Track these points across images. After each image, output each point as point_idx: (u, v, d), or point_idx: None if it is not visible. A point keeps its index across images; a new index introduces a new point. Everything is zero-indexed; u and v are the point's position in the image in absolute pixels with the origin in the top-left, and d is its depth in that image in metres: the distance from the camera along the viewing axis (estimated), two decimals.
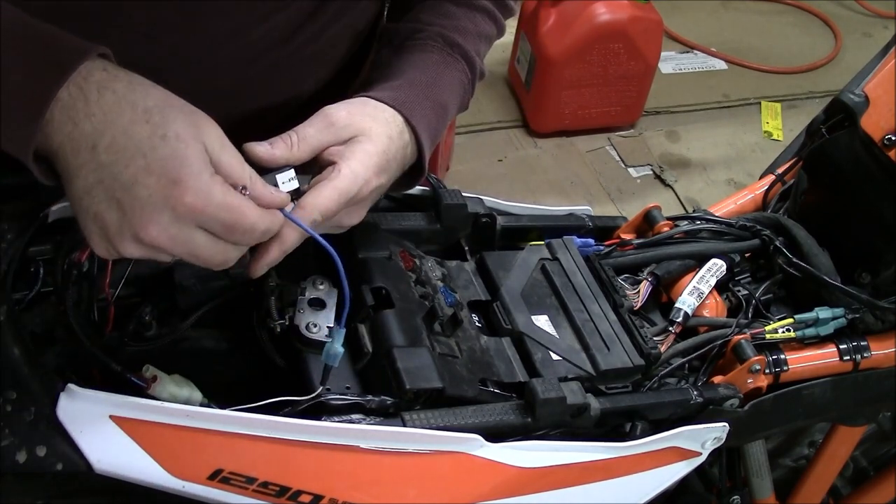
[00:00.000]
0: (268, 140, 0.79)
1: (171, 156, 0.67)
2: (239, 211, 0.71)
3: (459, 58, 0.96)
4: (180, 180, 0.68)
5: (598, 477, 0.90)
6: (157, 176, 0.67)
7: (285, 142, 0.80)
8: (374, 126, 0.84)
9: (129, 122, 0.67)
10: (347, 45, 0.98)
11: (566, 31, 2.70)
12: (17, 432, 0.70)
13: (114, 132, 0.67)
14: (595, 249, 1.07)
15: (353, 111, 0.85)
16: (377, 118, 0.85)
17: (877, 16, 3.76)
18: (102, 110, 0.67)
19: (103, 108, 0.67)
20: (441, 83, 0.93)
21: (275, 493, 0.75)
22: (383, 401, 0.81)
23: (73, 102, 0.67)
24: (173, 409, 0.73)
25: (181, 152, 0.68)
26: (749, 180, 2.13)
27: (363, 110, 0.85)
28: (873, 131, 1.05)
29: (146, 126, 0.68)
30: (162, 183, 0.67)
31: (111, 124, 0.67)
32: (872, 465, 1.45)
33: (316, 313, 0.85)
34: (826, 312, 1.05)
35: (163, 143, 0.67)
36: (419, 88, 0.90)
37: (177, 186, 0.67)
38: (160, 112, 0.68)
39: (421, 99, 0.90)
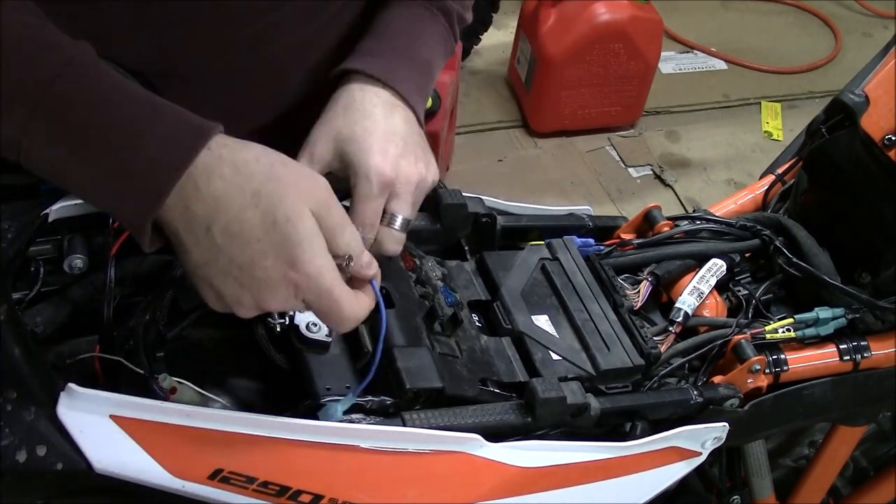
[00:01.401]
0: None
1: (284, 240, 0.70)
2: (339, 303, 0.73)
3: (437, 10, 0.98)
4: (296, 263, 0.70)
5: (598, 477, 0.90)
6: (274, 259, 0.70)
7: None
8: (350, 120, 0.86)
9: (239, 208, 0.69)
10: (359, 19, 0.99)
11: (566, 31, 2.70)
12: (17, 432, 0.70)
13: (227, 218, 0.69)
14: (595, 249, 1.07)
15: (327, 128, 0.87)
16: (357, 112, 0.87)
17: (877, 16, 3.76)
18: (213, 196, 0.69)
19: (213, 194, 0.69)
20: (420, 41, 0.96)
21: (275, 492, 0.75)
22: (383, 401, 0.81)
23: (185, 187, 0.69)
24: (173, 408, 0.73)
25: (293, 236, 0.70)
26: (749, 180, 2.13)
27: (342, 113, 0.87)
28: (873, 131, 1.05)
29: (256, 211, 0.69)
30: (279, 265, 0.70)
31: (223, 211, 0.69)
32: (872, 465, 1.45)
33: None
34: (826, 312, 1.05)
35: (274, 229, 0.70)
36: (399, 51, 0.93)
37: (293, 269, 0.70)
38: (267, 195, 0.70)
39: (401, 59, 0.92)
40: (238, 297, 0.72)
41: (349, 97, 0.88)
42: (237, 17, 0.84)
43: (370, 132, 0.86)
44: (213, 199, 0.69)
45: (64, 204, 0.83)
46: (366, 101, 0.88)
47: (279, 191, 0.70)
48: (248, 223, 0.69)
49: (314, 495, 0.76)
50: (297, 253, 0.70)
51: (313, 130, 0.87)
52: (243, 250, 0.70)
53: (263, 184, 0.70)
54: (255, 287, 0.71)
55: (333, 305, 0.73)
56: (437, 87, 2.25)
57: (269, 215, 0.70)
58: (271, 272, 0.70)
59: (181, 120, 0.70)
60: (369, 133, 0.86)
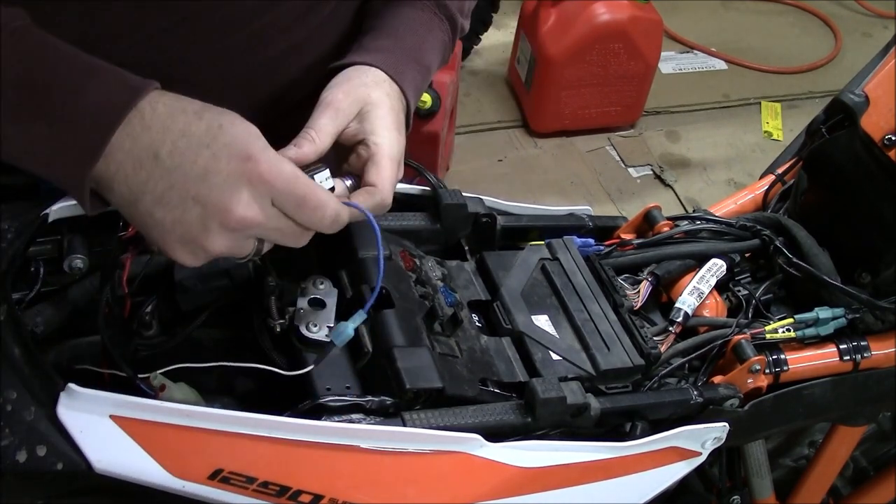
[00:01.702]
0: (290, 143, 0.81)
1: (235, 137, 0.70)
2: (310, 186, 0.73)
3: (444, 18, 0.99)
4: (251, 155, 0.70)
5: (598, 477, 0.90)
6: (227, 158, 0.70)
7: (306, 138, 0.82)
8: (372, 92, 0.88)
9: (183, 124, 0.70)
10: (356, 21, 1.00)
11: (566, 31, 2.70)
12: (17, 432, 0.70)
13: (172, 137, 0.70)
14: (595, 249, 1.07)
15: (349, 88, 0.87)
16: (372, 84, 0.88)
17: (877, 16, 3.76)
18: (158, 121, 0.70)
19: (158, 118, 0.70)
20: (426, 45, 0.97)
21: (275, 493, 0.75)
22: (383, 401, 0.81)
23: (130, 122, 0.69)
24: (173, 408, 0.73)
25: (243, 132, 0.71)
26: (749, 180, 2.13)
27: (359, 81, 0.88)
28: (873, 131, 1.05)
29: (201, 122, 0.70)
30: (234, 162, 0.70)
31: (168, 131, 0.70)
32: (872, 465, 1.45)
33: (316, 313, 0.85)
34: (826, 312, 1.05)
35: (220, 132, 0.70)
36: (407, 51, 0.94)
37: (249, 161, 0.70)
38: (208, 109, 0.71)
39: (409, 62, 0.93)
40: (203, 220, 0.70)
41: (369, 73, 0.89)
42: (233, 19, 0.85)
43: (389, 108, 0.88)
44: (157, 123, 0.70)
45: (64, 204, 0.83)
46: (384, 83, 0.89)
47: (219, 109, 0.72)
48: (194, 135, 0.70)
49: (314, 495, 0.76)
50: (249, 146, 0.70)
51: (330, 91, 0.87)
52: (195, 162, 0.70)
53: (205, 106, 0.72)
54: (217, 196, 0.70)
55: (304, 189, 0.72)
56: (437, 87, 2.25)
57: (214, 121, 0.71)
58: (227, 172, 0.70)
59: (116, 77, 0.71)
60: (388, 108, 0.87)
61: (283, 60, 0.91)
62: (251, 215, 0.71)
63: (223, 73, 0.88)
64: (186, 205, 0.70)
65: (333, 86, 0.87)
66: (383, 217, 0.98)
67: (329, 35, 0.96)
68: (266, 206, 0.72)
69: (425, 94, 2.18)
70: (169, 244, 0.72)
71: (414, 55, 0.95)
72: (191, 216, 0.70)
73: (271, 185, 0.71)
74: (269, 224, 0.73)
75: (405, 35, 0.95)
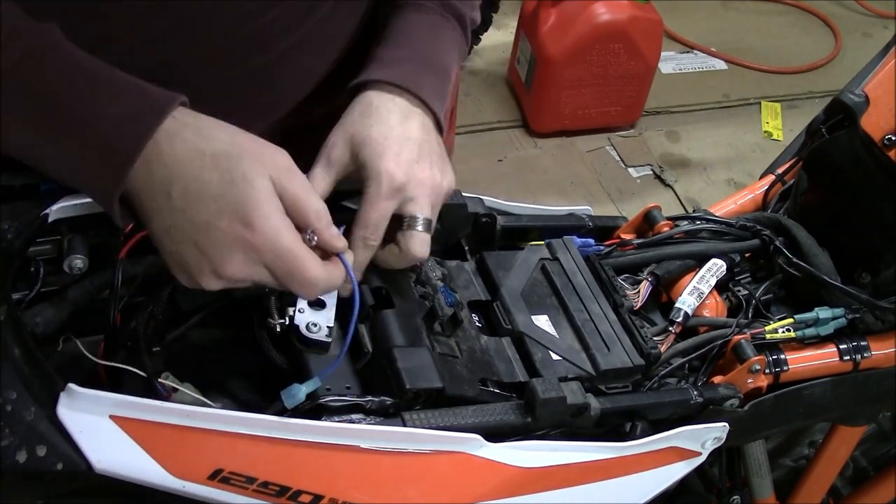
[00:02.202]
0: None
1: (240, 200, 0.71)
2: (301, 262, 0.74)
3: (451, 17, 0.99)
4: (251, 222, 0.71)
5: (598, 477, 0.90)
6: (229, 219, 0.71)
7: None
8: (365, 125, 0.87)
9: (198, 169, 0.71)
10: (358, 22, 0.99)
11: (566, 31, 2.70)
12: (17, 432, 0.70)
13: (186, 180, 0.71)
14: (595, 249, 1.07)
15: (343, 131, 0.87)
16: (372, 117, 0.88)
17: (877, 16, 3.76)
18: (175, 159, 0.71)
19: (175, 156, 0.71)
20: (438, 48, 0.97)
21: (275, 493, 0.75)
22: (383, 401, 0.81)
23: (148, 151, 0.70)
24: (173, 409, 0.73)
25: (250, 196, 0.71)
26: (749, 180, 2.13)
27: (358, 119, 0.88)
28: (873, 131, 1.05)
29: (215, 172, 0.71)
30: (234, 226, 0.71)
31: (183, 173, 0.71)
32: (872, 465, 1.45)
33: (316, 313, 0.85)
34: (826, 312, 1.05)
35: (231, 188, 0.71)
36: (421, 60, 0.94)
37: (247, 228, 0.71)
38: (227, 157, 0.72)
39: (424, 68, 0.93)
40: (198, 264, 0.73)
41: (366, 103, 0.89)
42: (231, 21, 0.84)
43: (385, 136, 0.87)
44: (174, 162, 0.71)
45: (64, 204, 0.83)
46: (382, 107, 0.89)
47: (238, 153, 0.72)
48: (206, 184, 0.71)
49: (314, 495, 0.76)
50: (252, 212, 0.71)
51: (331, 134, 0.88)
52: (200, 211, 0.71)
53: (223, 147, 0.72)
54: (213, 250, 0.72)
55: (295, 264, 0.74)
56: None
57: (227, 175, 0.71)
58: (227, 233, 0.71)
59: (142, 94, 0.72)
60: (384, 137, 0.87)
61: (282, 61, 0.91)
62: (242, 275, 0.74)
63: (222, 75, 0.88)
64: (187, 245, 0.72)
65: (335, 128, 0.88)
66: None
67: (329, 36, 0.95)
68: (258, 267, 0.74)
69: None
70: (170, 266, 0.75)
71: (428, 61, 0.94)
72: (189, 256, 0.73)
73: (264, 255, 0.73)
74: (262, 279, 0.75)
75: (415, 43, 0.95)
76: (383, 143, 0.86)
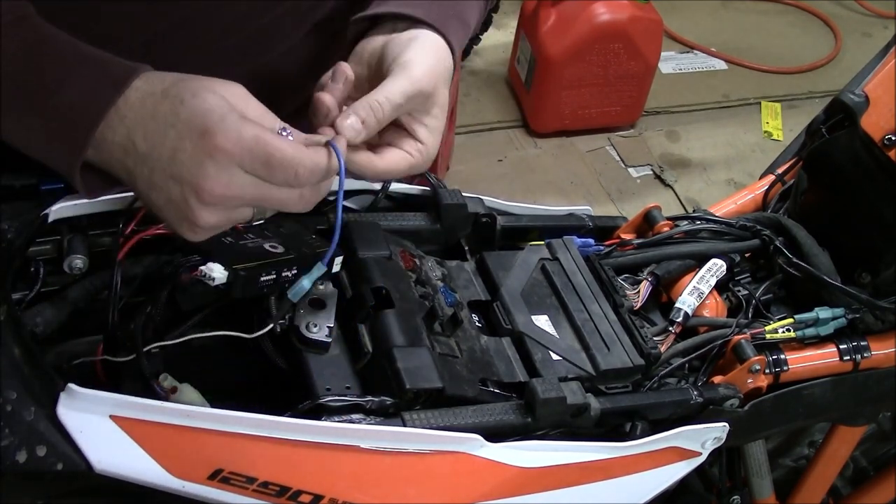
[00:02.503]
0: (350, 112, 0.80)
1: (193, 113, 0.70)
2: (274, 146, 0.71)
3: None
4: (207, 129, 0.70)
5: (598, 477, 0.90)
6: (188, 137, 0.70)
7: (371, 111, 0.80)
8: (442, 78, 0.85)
9: (151, 106, 0.71)
10: None
11: (566, 31, 2.70)
12: (17, 432, 0.70)
13: (143, 123, 0.71)
14: (595, 249, 1.07)
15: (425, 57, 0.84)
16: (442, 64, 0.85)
17: (877, 16, 3.76)
18: (131, 109, 0.71)
19: (131, 107, 0.71)
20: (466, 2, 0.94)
21: (275, 493, 0.75)
22: (383, 401, 0.81)
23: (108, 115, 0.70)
24: (173, 409, 0.73)
25: (200, 106, 0.70)
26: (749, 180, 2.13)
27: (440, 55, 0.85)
28: (873, 131, 1.05)
29: (166, 101, 0.71)
30: (193, 140, 0.70)
31: (140, 117, 0.71)
32: (872, 465, 1.45)
33: (316, 313, 0.85)
34: (826, 312, 1.05)
35: (182, 108, 0.70)
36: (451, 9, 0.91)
37: (206, 135, 0.70)
38: (175, 86, 0.72)
39: (452, 16, 0.90)
40: (184, 199, 0.71)
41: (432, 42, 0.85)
42: (229, 22, 0.84)
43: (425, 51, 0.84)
44: (130, 112, 0.71)
45: (64, 204, 0.83)
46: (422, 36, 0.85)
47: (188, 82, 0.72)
48: (160, 116, 0.71)
49: (314, 495, 0.76)
50: (206, 120, 0.70)
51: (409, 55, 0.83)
52: (164, 145, 0.71)
53: (174, 82, 0.72)
54: (188, 176, 0.70)
55: (268, 150, 0.71)
56: None
57: (177, 99, 0.71)
58: (191, 151, 0.70)
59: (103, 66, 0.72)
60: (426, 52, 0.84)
61: (282, 61, 0.91)
62: (224, 189, 0.71)
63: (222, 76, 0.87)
64: (168, 184, 0.71)
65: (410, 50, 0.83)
66: (383, 217, 0.98)
67: (329, 36, 0.95)
68: (237, 175, 0.71)
69: None
70: (169, 222, 0.74)
71: (456, 9, 0.92)
72: (175, 195, 0.72)
73: (232, 155, 0.70)
74: (249, 193, 0.72)
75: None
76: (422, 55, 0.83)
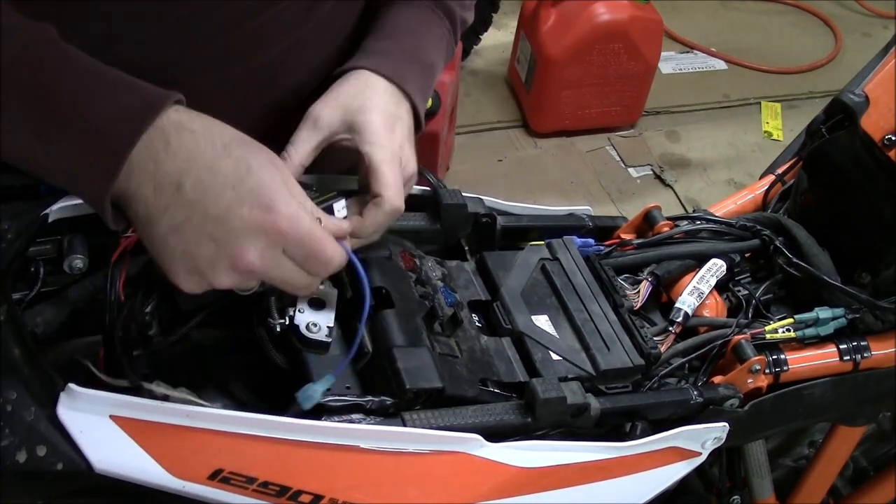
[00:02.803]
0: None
1: (260, 185, 0.70)
2: (321, 242, 0.74)
3: (442, 14, 1.00)
4: (273, 207, 0.70)
5: (598, 477, 0.90)
6: (250, 206, 0.70)
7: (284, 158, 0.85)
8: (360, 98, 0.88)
9: (211, 158, 0.70)
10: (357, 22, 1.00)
11: (566, 31, 2.70)
12: (17, 432, 0.70)
13: (198, 170, 0.69)
14: (595, 249, 1.07)
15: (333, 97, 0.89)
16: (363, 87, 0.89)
17: (877, 16, 3.76)
18: (185, 149, 0.69)
19: (185, 147, 0.69)
20: (426, 43, 0.98)
21: (275, 493, 0.75)
22: (383, 401, 0.81)
23: (153, 143, 0.69)
24: (173, 409, 0.73)
25: (269, 181, 0.71)
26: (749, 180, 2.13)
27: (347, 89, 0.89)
28: (873, 131, 1.05)
29: (229, 160, 0.70)
30: (255, 211, 0.70)
31: (195, 163, 0.69)
32: (872, 465, 1.45)
33: (316, 313, 0.85)
34: (826, 312, 1.05)
35: (249, 175, 0.70)
36: (406, 52, 0.95)
37: (270, 213, 0.70)
38: (239, 146, 0.71)
39: (409, 62, 0.94)
40: (214, 259, 0.71)
41: (360, 79, 0.90)
42: (229, 21, 0.84)
43: (381, 110, 0.88)
44: (184, 152, 0.69)
45: (64, 204, 0.83)
46: (377, 85, 0.90)
47: (248, 143, 0.72)
48: (221, 173, 0.70)
49: (314, 495, 0.76)
50: (272, 196, 0.71)
51: (316, 104, 0.88)
52: (217, 201, 0.69)
53: (233, 138, 0.72)
54: (232, 240, 0.70)
55: (317, 245, 0.73)
56: (437, 86, 2.25)
57: (243, 163, 0.70)
58: (247, 220, 0.70)
59: (135, 91, 0.70)
60: (380, 110, 0.88)
61: (280, 63, 0.91)
62: (260, 264, 0.72)
63: (221, 77, 0.88)
64: (201, 240, 0.70)
65: (321, 98, 0.89)
66: None
67: (328, 37, 0.95)
68: (277, 255, 0.73)
69: None
70: (175, 271, 0.73)
71: (414, 55, 0.95)
72: (203, 252, 0.71)
73: (288, 237, 0.72)
74: (277, 272, 0.74)
75: (402, 35, 0.96)
76: (380, 115, 0.88)
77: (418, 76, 0.94)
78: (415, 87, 0.93)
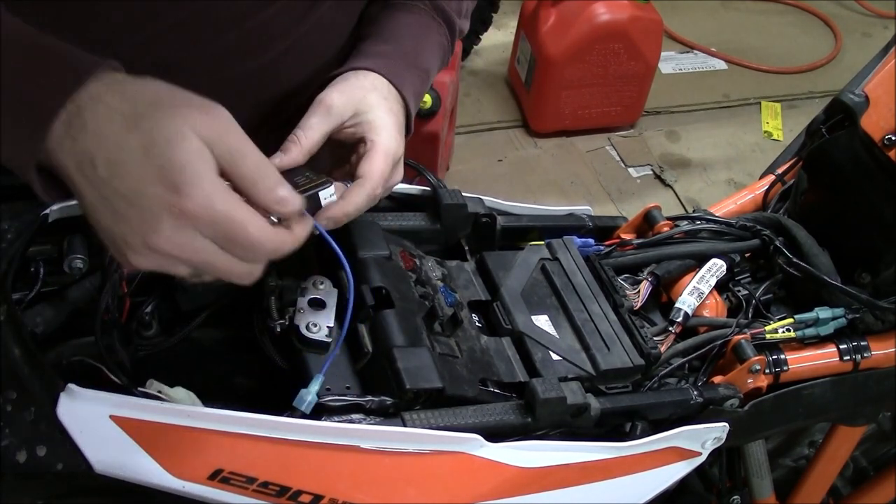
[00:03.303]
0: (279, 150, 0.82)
1: (165, 164, 0.65)
2: (241, 223, 0.67)
3: (441, 22, 1.00)
4: (179, 186, 0.65)
5: (598, 477, 0.90)
6: (155, 185, 0.65)
7: (293, 141, 0.83)
8: (370, 95, 0.89)
9: (118, 132, 0.65)
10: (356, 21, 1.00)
11: (566, 31, 2.70)
12: (17, 432, 0.70)
13: (107, 146, 0.65)
14: (595, 249, 1.07)
15: (345, 87, 0.89)
16: (370, 87, 0.90)
17: (877, 16, 3.76)
18: (97, 125, 0.65)
19: (97, 121, 0.65)
20: (424, 49, 0.98)
21: (275, 493, 0.75)
22: (383, 401, 0.81)
23: (70, 119, 0.65)
24: (173, 409, 0.73)
25: (175, 157, 0.65)
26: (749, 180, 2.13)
27: (357, 83, 0.90)
28: (873, 131, 1.05)
29: (136, 135, 0.65)
30: (161, 192, 0.65)
31: (104, 138, 0.65)
32: (872, 465, 1.45)
33: (316, 313, 0.85)
34: (826, 312, 1.05)
35: (154, 151, 0.65)
36: (405, 56, 0.95)
37: (175, 194, 0.65)
38: (148, 117, 0.66)
39: (407, 66, 0.95)
40: (129, 238, 0.67)
41: (366, 77, 0.91)
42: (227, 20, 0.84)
43: (388, 108, 0.89)
44: (96, 128, 0.65)
45: (64, 204, 0.83)
46: (381, 86, 0.91)
47: (161, 113, 0.66)
48: (127, 148, 0.65)
49: (314, 495, 0.76)
50: (178, 175, 0.65)
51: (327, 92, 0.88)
52: (125, 179, 0.65)
53: (146, 107, 0.66)
54: (141, 221, 0.66)
55: (235, 226, 0.67)
56: (437, 87, 2.25)
57: (148, 136, 0.65)
58: (154, 200, 0.65)
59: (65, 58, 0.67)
60: (387, 108, 0.89)
61: (280, 63, 0.91)
62: (170, 247, 0.66)
63: (221, 77, 0.88)
64: (115, 218, 0.67)
65: (329, 86, 0.89)
66: (384, 217, 0.98)
67: (327, 37, 0.96)
68: (193, 237, 0.67)
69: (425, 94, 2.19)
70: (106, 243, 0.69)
71: (412, 60, 0.96)
72: (118, 230, 0.67)
73: (197, 220, 0.66)
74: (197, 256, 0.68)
75: (403, 40, 0.96)
76: (386, 116, 0.89)
77: (415, 82, 0.95)
78: (411, 91, 0.94)
